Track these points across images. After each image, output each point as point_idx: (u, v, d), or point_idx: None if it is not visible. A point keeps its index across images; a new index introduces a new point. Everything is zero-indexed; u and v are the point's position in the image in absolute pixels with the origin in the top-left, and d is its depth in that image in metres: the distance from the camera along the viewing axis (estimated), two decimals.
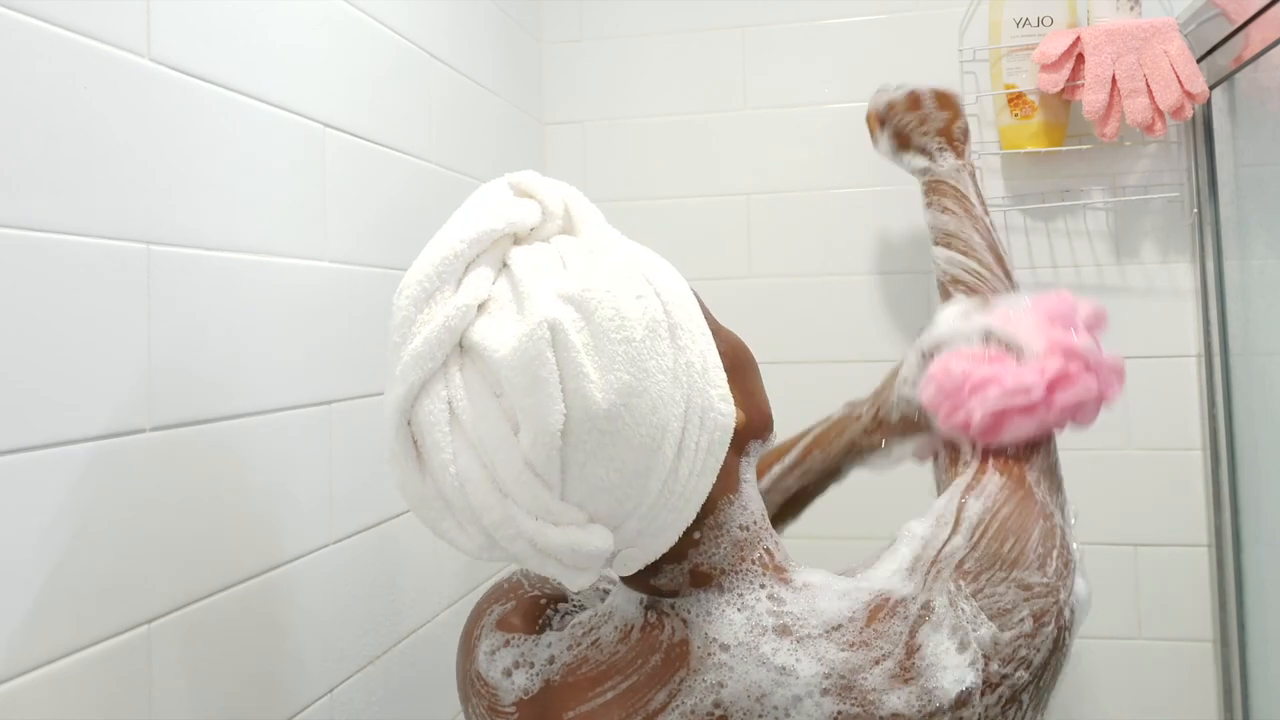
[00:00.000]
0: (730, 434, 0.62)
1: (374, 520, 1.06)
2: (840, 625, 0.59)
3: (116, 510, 0.70)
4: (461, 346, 0.56)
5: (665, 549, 0.61)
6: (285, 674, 0.90)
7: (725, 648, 0.60)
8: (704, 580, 0.63)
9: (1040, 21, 1.48)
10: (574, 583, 0.59)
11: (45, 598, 0.64)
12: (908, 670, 0.56)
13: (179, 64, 0.78)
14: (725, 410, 0.61)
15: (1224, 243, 1.44)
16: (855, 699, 0.56)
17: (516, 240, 0.60)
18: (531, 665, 0.66)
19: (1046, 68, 1.43)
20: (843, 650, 0.58)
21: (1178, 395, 1.49)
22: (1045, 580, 0.60)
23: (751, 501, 0.65)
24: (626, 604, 0.66)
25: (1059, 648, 0.59)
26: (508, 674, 0.67)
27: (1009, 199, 1.56)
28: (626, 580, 0.66)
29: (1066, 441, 1.51)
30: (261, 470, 0.87)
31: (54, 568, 0.65)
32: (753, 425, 0.66)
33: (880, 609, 0.59)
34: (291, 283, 0.93)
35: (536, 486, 0.54)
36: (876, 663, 0.57)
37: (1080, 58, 1.42)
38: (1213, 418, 1.45)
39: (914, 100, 1.14)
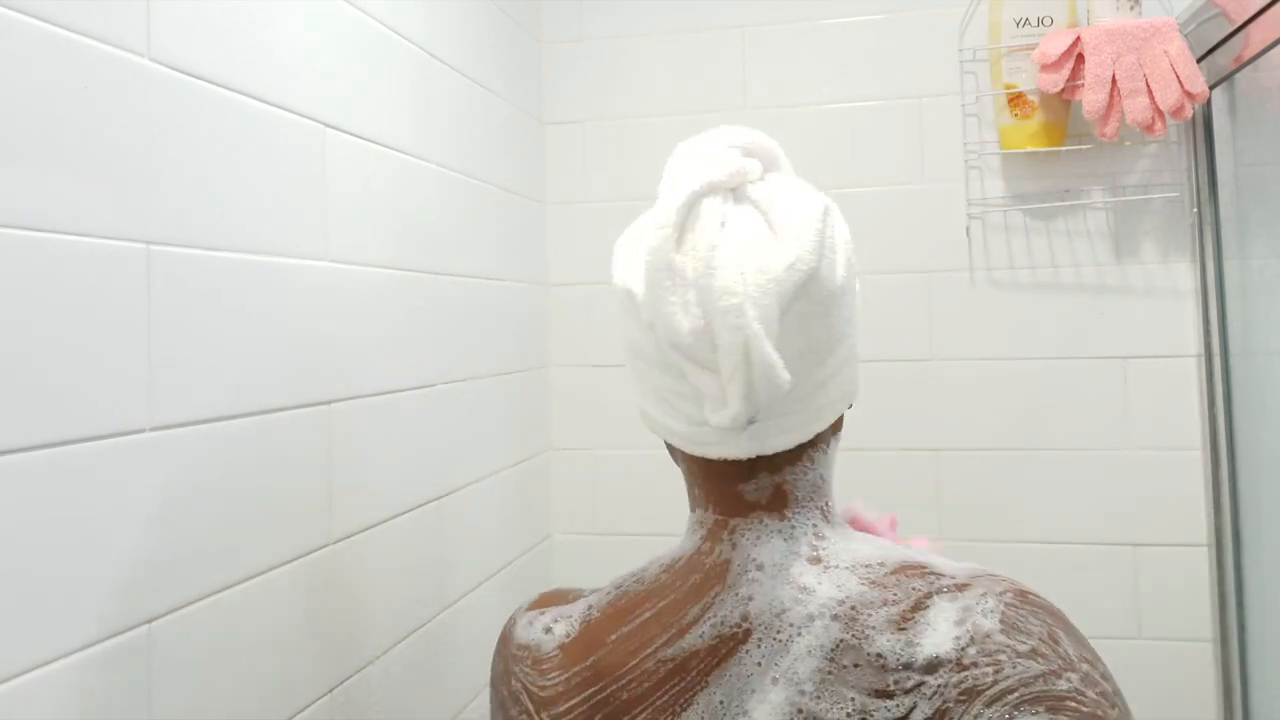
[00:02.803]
0: (850, 401, 0.69)
1: (374, 521, 1.06)
2: (869, 565, 0.63)
3: (116, 510, 0.70)
4: (735, 196, 0.66)
5: (780, 448, 0.65)
6: (285, 674, 0.90)
7: (761, 567, 0.64)
8: (779, 501, 0.67)
9: (1040, 21, 1.48)
10: (728, 431, 0.64)
11: (45, 598, 0.64)
12: (906, 620, 0.59)
13: (179, 64, 0.78)
14: (858, 383, 0.70)
15: (1224, 243, 1.44)
16: (856, 631, 0.59)
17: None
18: (570, 618, 0.69)
19: (1046, 68, 1.43)
20: (862, 584, 0.62)
21: (1178, 395, 1.49)
22: (1082, 706, 0.57)
23: (827, 467, 0.70)
24: (680, 544, 0.70)
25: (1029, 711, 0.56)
26: (547, 630, 0.69)
27: (1009, 199, 1.56)
28: (725, 480, 0.69)
29: (1067, 441, 1.53)
30: (261, 470, 0.87)
31: (54, 567, 0.65)
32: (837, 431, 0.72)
33: (909, 568, 0.63)
34: (291, 283, 0.93)
35: (772, 296, 0.60)
36: (885, 604, 0.60)
37: (1080, 58, 1.42)
38: (1213, 418, 1.45)
39: None
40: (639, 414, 0.71)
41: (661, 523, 1.67)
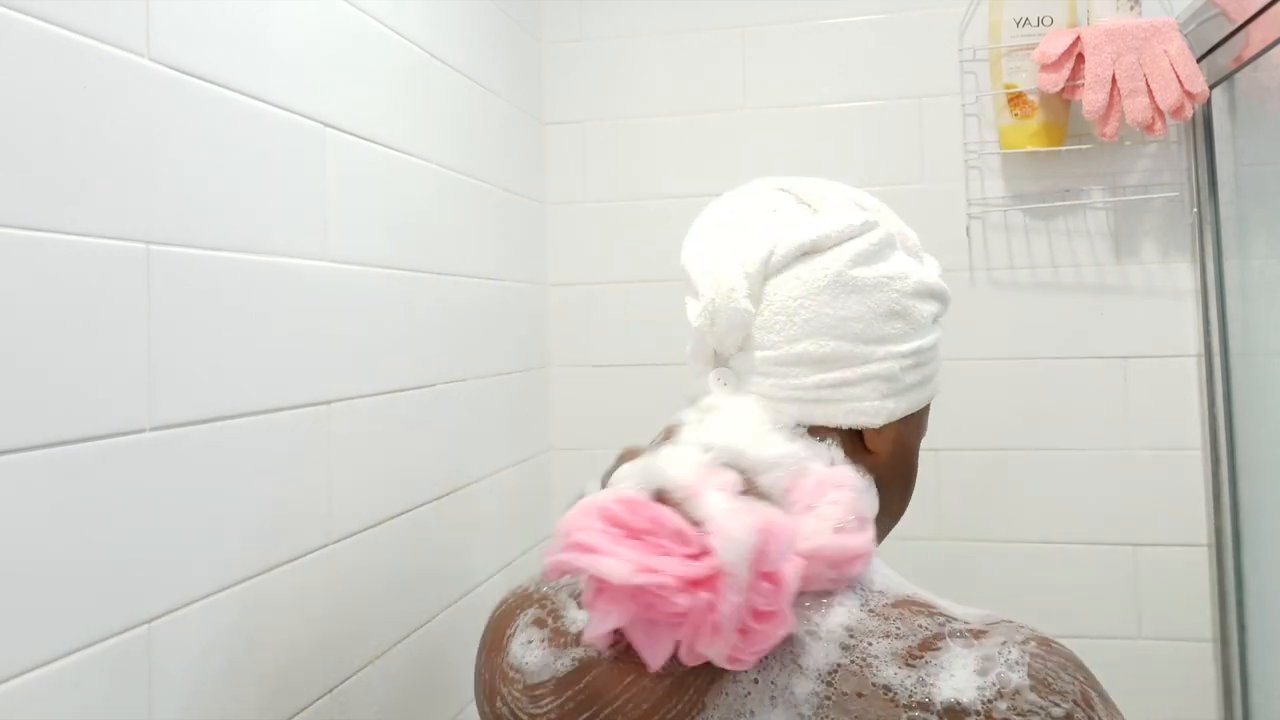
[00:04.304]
0: (851, 421, 0.65)
1: (373, 520, 1.06)
2: (867, 591, 0.60)
3: (116, 510, 0.70)
4: (797, 200, 0.70)
5: (741, 390, 0.66)
6: (285, 674, 0.90)
7: None
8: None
9: (1040, 21, 1.48)
10: (707, 378, 0.67)
11: (45, 598, 0.64)
12: (914, 658, 0.55)
13: (179, 64, 0.78)
14: (866, 412, 0.65)
15: (1224, 243, 1.44)
16: (856, 658, 0.56)
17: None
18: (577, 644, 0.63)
19: (1046, 67, 1.43)
20: (860, 610, 0.58)
21: (1178, 395, 1.49)
22: None
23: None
24: None
25: None
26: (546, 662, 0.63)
27: (1009, 199, 1.56)
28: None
29: (1067, 441, 1.53)
30: (261, 470, 0.87)
31: (54, 568, 0.65)
32: (885, 483, 0.67)
33: (913, 604, 0.59)
34: (291, 282, 0.93)
35: (770, 243, 0.64)
36: (886, 636, 0.57)
37: (1080, 57, 1.42)
38: (1213, 418, 1.45)
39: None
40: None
41: None
